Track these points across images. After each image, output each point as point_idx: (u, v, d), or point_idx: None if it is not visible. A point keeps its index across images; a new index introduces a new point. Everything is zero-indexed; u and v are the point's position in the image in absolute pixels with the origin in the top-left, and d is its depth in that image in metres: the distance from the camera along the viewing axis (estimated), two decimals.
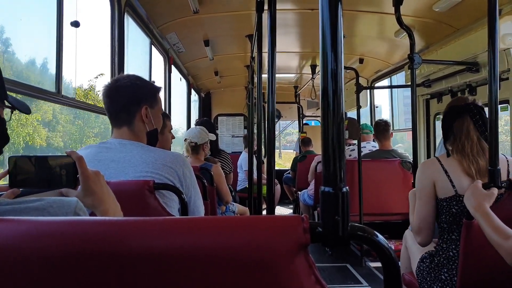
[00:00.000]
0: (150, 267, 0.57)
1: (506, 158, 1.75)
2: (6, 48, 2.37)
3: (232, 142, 7.35)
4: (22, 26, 2.32)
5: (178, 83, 5.13)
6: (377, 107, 5.71)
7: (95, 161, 1.47)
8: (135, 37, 3.23)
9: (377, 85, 5.45)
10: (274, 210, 1.67)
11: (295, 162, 6.15)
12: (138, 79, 1.61)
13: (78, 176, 0.98)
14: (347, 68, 3.97)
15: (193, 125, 5.14)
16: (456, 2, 2.85)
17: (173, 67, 4.43)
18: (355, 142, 4.29)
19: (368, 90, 5.45)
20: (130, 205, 1.25)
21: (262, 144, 2.23)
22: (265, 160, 1.86)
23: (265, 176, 2.24)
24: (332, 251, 4.12)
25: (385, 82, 5.33)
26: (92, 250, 0.57)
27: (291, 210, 6.91)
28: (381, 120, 4.22)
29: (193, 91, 6.08)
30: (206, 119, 4.57)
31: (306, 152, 6.14)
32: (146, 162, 1.50)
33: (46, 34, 2.08)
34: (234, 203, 3.51)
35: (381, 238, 0.62)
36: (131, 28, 3.00)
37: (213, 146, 3.71)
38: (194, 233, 0.59)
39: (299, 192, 5.32)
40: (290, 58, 5.17)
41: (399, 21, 2.66)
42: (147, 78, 3.58)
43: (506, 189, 1.49)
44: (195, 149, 3.18)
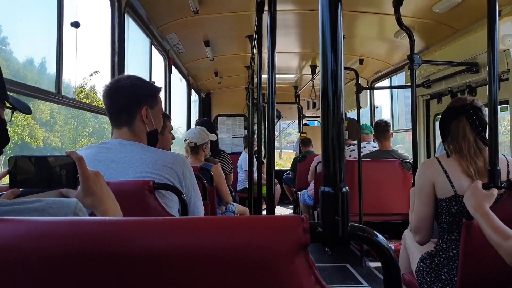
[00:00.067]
0: (150, 267, 0.57)
1: (506, 159, 1.75)
2: (5, 47, 2.36)
3: (232, 143, 7.35)
4: (22, 26, 2.32)
5: (178, 84, 5.13)
6: (377, 108, 5.71)
7: (95, 161, 1.47)
8: (135, 37, 3.23)
9: (377, 85, 5.45)
10: (274, 210, 1.67)
11: (295, 162, 6.16)
12: (138, 80, 1.61)
13: (78, 176, 0.98)
14: (347, 68, 3.97)
15: (193, 125, 5.14)
16: (456, 3, 2.85)
17: (173, 68, 4.43)
18: (355, 142, 4.29)
19: (368, 91, 5.45)
20: (130, 205, 1.26)
21: (262, 144, 2.23)
22: (265, 160, 1.87)
23: (265, 176, 2.24)
24: (332, 251, 4.12)
25: (385, 83, 5.33)
26: (92, 250, 0.57)
27: (291, 210, 6.91)
28: (381, 120, 4.23)
29: (193, 92, 6.08)
30: (206, 120, 4.57)
31: (306, 152, 6.15)
32: (146, 162, 1.50)
33: (47, 34, 2.08)
34: (234, 203, 3.51)
35: (381, 238, 0.62)
36: (131, 28, 3.00)
37: (213, 146, 3.71)
38: (194, 233, 0.59)
39: (299, 192, 5.32)
40: (290, 59, 5.17)
41: (399, 22, 2.66)
42: (147, 78, 3.59)
43: (506, 189, 1.50)
44: (195, 149, 3.18)
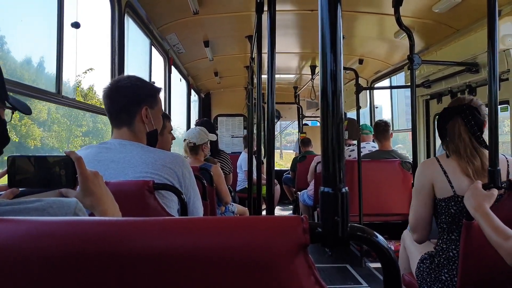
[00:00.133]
0: (150, 267, 0.57)
1: (506, 159, 1.76)
2: (3, 47, 2.36)
3: (231, 143, 7.35)
4: (23, 27, 2.32)
5: (178, 84, 5.13)
6: (377, 108, 5.71)
7: (95, 161, 1.47)
8: (135, 37, 3.23)
9: (376, 85, 5.45)
10: (274, 210, 1.67)
11: (295, 162, 6.16)
12: (138, 80, 1.61)
13: (77, 176, 0.98)
14: (347, 68, 3.96)
15: (193, 125, 5.14)
16: (455, 3, 2.85)
17: (173, 68, 4.43)
18: (355, 142, 4.29)
19: (367, 91, 5.45)
20: (130, 205, 1.26)
21: (262, 144, 2.23)
22: (264, 160, 1.86)
23: (264, 176, 2.24)
24: (331, 252, 4.12)
25: (385, 83, 5.33)
26: (92, 250, 0.57)
27: (291, 211, 6.90)
28: (381, 120, 4.22)
29: (193, 92, 6.08)
30: (206, 120, 4.58)
31: (305, 152, 6.15)
32: (145, 162, 1.50)
33: (47, 35, 2.08)
34: (233, 204, 3.51)
35: (380, 238, 0.62)
36: (131, 28, 3.00)
37: (213, 146, 3.71)
38: (194, 233, 0.59)
39: (299, 192, 5.32)
40: (289, 59, 5.17)
41: (399, 22, 2.66)
42: (147, 78, 3.59)
43: (506, 189, 1.50)
44: (194, 149, 3.18)
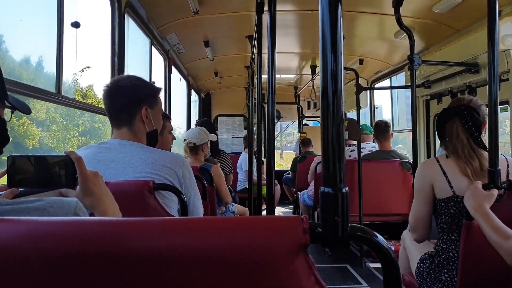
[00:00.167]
0: (150, 268, 0.57)
1: (506, 159, 1.76)
2: (1, 46, 2.35)
3: (232, 143, 7.35)
4: (22, 26, 2.32)
5: (178, 84, 5.13)
6: (377, 108, 5.71)
7: (95, 161, 1.47)
8: (135, 37, 3.23)
9: (377, 86, 5.45)
10: (274, 210, 1.67)
11: (295, 162, 6.16)
12: (138, 80, 1.61)
13: (77, 176, 0.98)
14: (347, 69, 3.97)
15: (193, 125, 5.14)
16: (456, 3, 2.85)
17: (173, 68, 4.43)
18: (355, 142, 4.29)
19: (368, 91, 5.45)
20: (130, 205, 1.26)
21: (262, 144, 2.23)
22: (265, 160, 1.86)
23: (265, 176, 2.24)
24: (332, 252, 4.12)
25: (385, 83, 5.33)
26: (92, 250, 0.57)
27: (291, 211, 6.90)
28: (381, 120, 4.22)
29: (193, 92, 6.08)
30: (206, 120, 4.58)
31: (306, 152, 6.15)
32: (145, 162, 1.50)
33: (47, 34, 2.08)
34: (234, 204, 3.51)
35: (380, 238, 0.62)
36: (131, 28, 3.00)
37: (213, 146, 3.71)
38: (194, 233, 0.59)
39: (299, 192, 5.32)
40: (290, 59, 5.17)
41: (399, 22, 2.66)
42: (147, 78, 3.58)
43: (505, 189, 1.49)
44: (194, 149, 3.18)
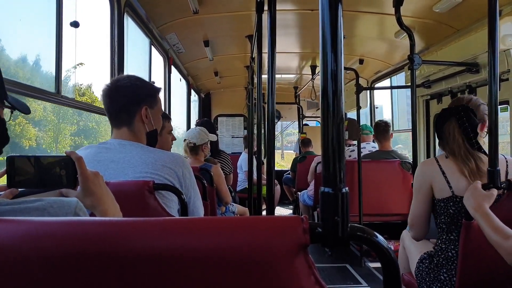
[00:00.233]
0: (150, 268, 0.57)
1: (505, 159, 1.76)
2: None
3: (232, 143, 7.35)
4: (21, 26, 2.32)
5: (178, 84, 5.13)
6: (377, 108, 5.71)
7: (95, 161, 1.47)
8: (135, 37, 3.22)
9: (377, 85, 5.45)
10: (274, 210, 1.67)
11: (295, 162, 6.16)
12: (138, 80, 1.61)
13: (77, 176, 0.98)
14: (347, 68, 3.97)
15: (193, 125, 5.14)
16: (456, 3, 2.85)
17: (173, 68, 4.43)
18: (355, 142, 4.29)
19: (368, 91, 5.45)
20: (130, 205, 1.25)
21: (262, 144, 2.23)
22: (265, 160, 1.86)
23: (264, 176, 2.24)
24: (331, 252, 4.12)
25: (385, 83, 5.33)
26: (92, 251, 0.57)
27: (291, 211, 6.90)
28: (381, 120, 4.22)
29: (193, 92, 6.07)
30: (206, 120, 4.57)
31: (306, 152, 6.15)
32: (145, 162, 1.50)
33: (46, 34, 2.08)
34: (234, 204, 3.51)
35: (380, 238, 0.62)
36: (131, 28, 2.99)
37: (213, 146, 3.71)
38: (194, 233, 0.59)
39: (299, 192, 5.32)
40: (290, 59, 5.17)
41: (399, 21, 2.66)
42: (147, 78, 3.58)
43: (505, 189, 1.50)
44: (194, 149, 3.18)
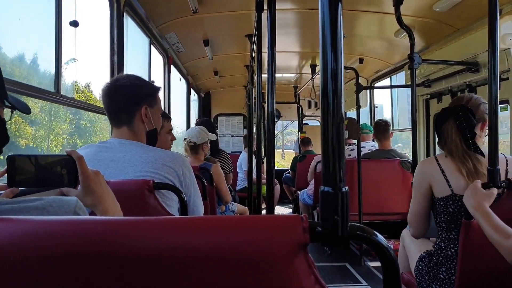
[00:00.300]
0: (150, 267, 0.57)
1: (505, 158, 1.76)
2: None
3: (231, 142, 7.35)
4: (21, 26, 2.31)
5: (178, 83, 5.12)
6: (377, 107, 5.71)
7: (95, 160, 1.47)
8: (134, 37, 3.22)
9: (377, 85, 5.45)
10: (274, 209, 1.67)
11: (295, 162, 6.16)
12: (137, 79, 1.61)
13: (78, 175, 0.98)
14: (347, 68, 3.97)
15: (193, 125, 5.14)
16: (456, 2, 2.85)
17: (172, 67, 4.42)
18: (355, 142, 4.29)
19: (368, 90, 5.45)
20: (130, 204, 1.25)
21: (262, 144, 2.23)
22: (264, 160, 1.87)
23: (264, 175, 2.24)
24: (331, 251, 4.12)
25: (385, 82, 5.33)
26: (92, 250, 0.57)
27: (291, 210, 6.91)
28: (381, 120, 4.22)
29: (192, 91, 6.07)
30: (206, 119, 4.57)
31: (305, 152, 6.15)
32: (145, 161, 1.50)
33: (46, 34, 2.08)
34: (233, 203, 3.51)
35: (380, 237, 0.62)
36: (130, 27, 2.99)
37: (213, 146, 3.71)
38: (194, 232, 0.59)
39: (299, 191, 5.32)
40: (289, 58, 5.17)
41: (399, 21, 2.66)
42: (147, 78, 3.58)
43: (505, 188, 1.50)
44: (194, 148, 3.18)
